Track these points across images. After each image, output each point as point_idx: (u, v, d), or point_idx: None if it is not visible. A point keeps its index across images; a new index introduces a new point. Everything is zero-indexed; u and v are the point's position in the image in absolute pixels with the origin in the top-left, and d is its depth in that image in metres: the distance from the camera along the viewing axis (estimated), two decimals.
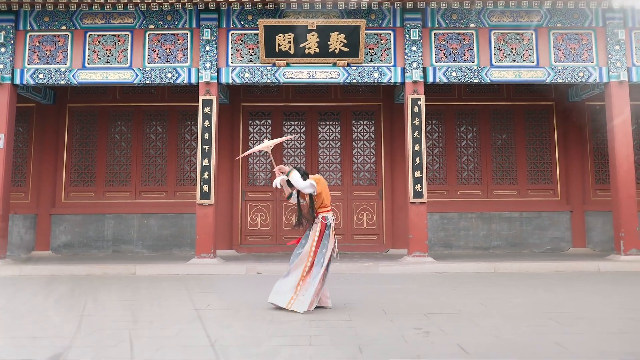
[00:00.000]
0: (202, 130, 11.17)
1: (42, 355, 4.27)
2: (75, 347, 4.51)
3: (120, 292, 7.85)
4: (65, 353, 4.32)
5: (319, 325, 5.36)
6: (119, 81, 11.42)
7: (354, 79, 11.43)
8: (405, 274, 10.10)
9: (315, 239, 6.32)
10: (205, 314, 5.97)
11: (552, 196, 13.75)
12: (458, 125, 14.02)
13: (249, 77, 11.39)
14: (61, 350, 4.41)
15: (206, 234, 10.94)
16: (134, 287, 8.41)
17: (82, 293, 7.74)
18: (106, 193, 13.52)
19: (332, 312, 6.14)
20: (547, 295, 7.43)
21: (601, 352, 4.32)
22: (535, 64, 11.58)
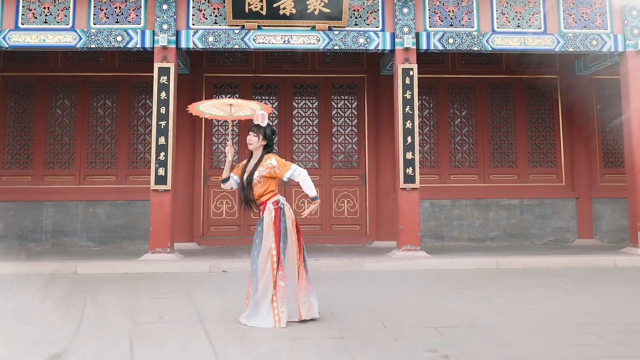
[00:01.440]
0: (157, 103, 10.24)
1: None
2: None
3: (52, 296, 6.85)
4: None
5: (304, 347, 4.44)
6: (58, 45, 10.43)
7: (336, 45, 10.60)
8: (395, 271, 9.34)
9: (272, 232, 5.30)
10: (156, 330, 4.99)
11: (555, 181, 13.23)
12: (451, 100, 13.39)
13: (214, 41, 10.49)
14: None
15: (162, 225, 10.02)
16: (69, 290, 7.39)
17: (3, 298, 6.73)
18: (45, 177, 12.58)
19: (317, 325, 5.22)
20: (570, 299, 6.67)
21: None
22: (542, 30, 10.93)
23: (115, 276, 8.75)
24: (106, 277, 8.65)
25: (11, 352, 4.27)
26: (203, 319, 5.46)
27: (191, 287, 7.67)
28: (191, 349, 4.37)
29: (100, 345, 4.44)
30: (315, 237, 12.63)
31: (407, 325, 5.23)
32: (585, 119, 13.18)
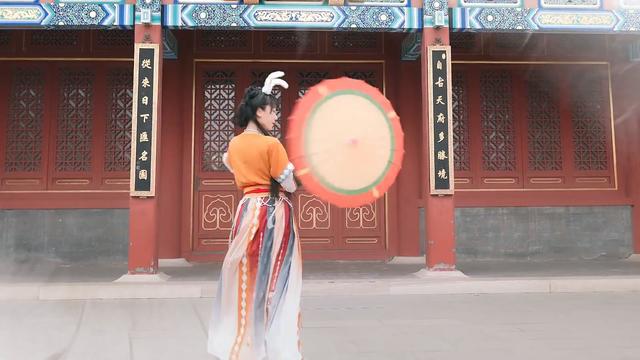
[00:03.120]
0: (138, 92, 9.46)
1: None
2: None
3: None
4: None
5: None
6: (20, 21, 9.66)
7: (353, 23, 9.84)
8: (428, 296, 8.52)
9: (281, 239, 4.23)
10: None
11: (607, 185, 12.59)
12: (484, 91, 12.72)
13: (206, 18, 9.73)
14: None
15: (144, 239, 9.19)
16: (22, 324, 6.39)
17: None
18: (6, 181, 11.93)
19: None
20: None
21: None
22: (598, 6, 10.20)
23: (86, 303, 7.82)
24: (75, 304, 7.76)
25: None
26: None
27: (179, 318, 6.73)
28: None
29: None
30: (326, 252, 11.99)
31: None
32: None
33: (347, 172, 3.87)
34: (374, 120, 4.09)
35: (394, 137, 4.11)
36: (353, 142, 3.86)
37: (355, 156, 3.88)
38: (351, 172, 3.86)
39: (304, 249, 11.45)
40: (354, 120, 4.03)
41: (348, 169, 3.87)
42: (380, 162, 3.97)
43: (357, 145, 3.87)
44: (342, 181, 3.84)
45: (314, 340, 5.54)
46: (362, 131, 3.96)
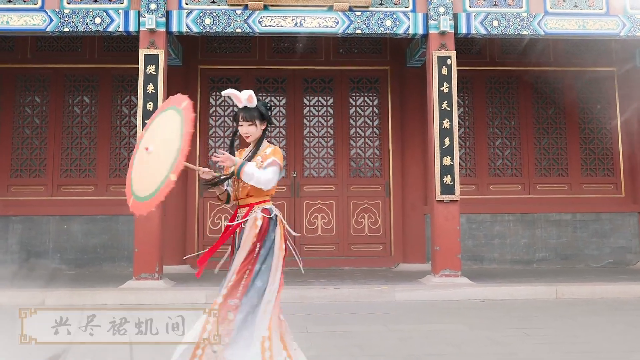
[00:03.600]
0: (143, 97, 9.59)
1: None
2: None
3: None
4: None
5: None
6: (25, 28, 9.80)
7: (358, 28, 9.93)
8: (434, 302, 8.54)
9: (249, 247, 4.28)
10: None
11: (614, 192, 12.58)
12: (490, 97, 12.74)
13: (211, 24, 9.83)
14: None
15: (149, 245, 9.28)
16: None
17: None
18: (11, 187, 12.00)
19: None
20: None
21: None
22: (604, 11, 10.25)
23: (91, 308, 7.84)
24: (81, 308, 7.76)
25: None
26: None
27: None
28: None
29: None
30: (331, 259, 12.02)
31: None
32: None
33: (145, 177, 3.94)
34: (166, 121, 4.07)
35: (183, 120, 3.91)
36: (147, 150, 3.93)
37: (151, 160, 3.95)
38: (148, 176, 3.88)
39: (309, 255, 11.53)
40: (153, 132, 4.13)
41: (146, 175, 3.94)
42: (171, 150, 3.91)
43: (151, 152, 3.92)
44: (141, 188, 3.92)
45: (318, 345, 5.60)
46: (157, 136, 4.05)
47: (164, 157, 3.82)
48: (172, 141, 3.82)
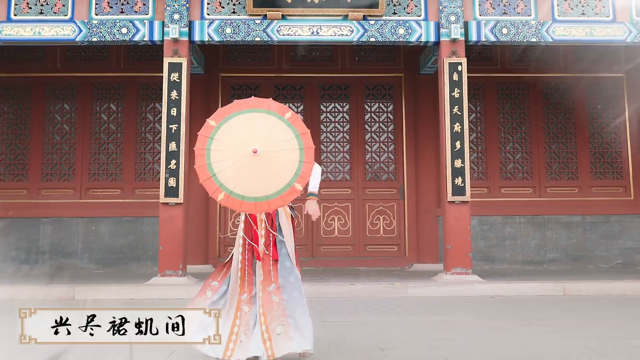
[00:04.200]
0: (167, 104, 9.73)
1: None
2: None
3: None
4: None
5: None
6: (56, 38, 10.00)
7: (372, 36, 10.05)
8: (445, 297, 8.70)
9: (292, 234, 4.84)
10: None
11: (623, 195, 12.51)
12: (501, 103, 12.74)
13: (232, 33, 9.99)
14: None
15: (173, 244, 9.46)
16: None
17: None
18: (42, 190, 12.15)
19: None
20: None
21: None
22: (611, 18, 10.27)
23: (118, 303, 8.14)
24: (109, 303, 8.02)
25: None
26: None
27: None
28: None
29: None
30: (347, 259, 12.08)
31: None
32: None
33: (258, 179, 4.13)
34: (271, 127, 4.29)
35: (298, 134, 4.26)
36: (255, 153, 4.12)
37: (261, 163, 4.14)
38: (262, 179, 4.11)
39: (327, 256, 11.69)
40: (251, 133, 4.27)
41: (258, 177, 4.13)
42: (291, 160, 4.16)
43: (260, 154, 4.13)
44: (255, 189, 4.11)
45: (333, 332, 5.85)
46: (261, 140, 4.20)
47: (281, 163, 4.19)
48: (290, 150, 4.18)
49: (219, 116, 4.36)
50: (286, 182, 4.14)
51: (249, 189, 4.12)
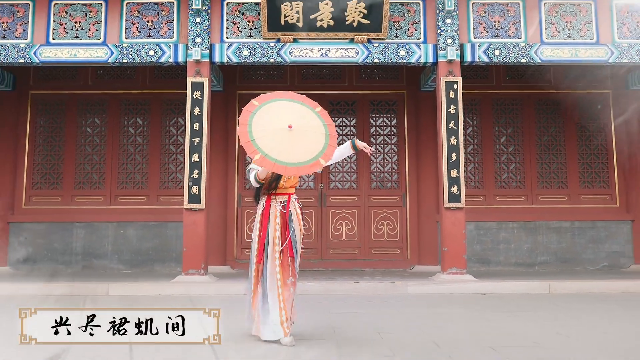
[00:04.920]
0: (190, 119, 10.31)
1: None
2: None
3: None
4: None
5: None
6: (90, 59, 10.59)
7: (376, 58, 10.60)
8: (441, 294, 9.21)
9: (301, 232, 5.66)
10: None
11: (609, 202, 12.88)
12: (496, 117, 13.16)
13: (248, 55, 10.55)
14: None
15: (195, 246, 10.03)
16: None
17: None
18: (75, 197, 12.63)
19: (365, 344, 5.12)
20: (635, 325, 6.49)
21: None
22: (594, 40, 10.75)
23: (147, 298, 8.75)
24: (139, 298, 8.67)
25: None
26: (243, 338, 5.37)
27: (227, 308, 7.59)
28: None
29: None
30: (354, 261, 12.53)
31: (462, 344, 5.14)
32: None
33: (290, 149, 4.85)
34: (304, 114, 5.14)
35: (325, 124, 5.12)
36: (290, 127, 4.89)
37: (294, 137, 4.89)
38: (293, 149, 4.85)
39: (335, 258, 12.16)
40: (287, 115, 5.06)
41: (290, 147, 4.85)
42: (319, 141, 4.94)
43: (293, 130, 4.90)
44: (287, 156, 4.80)
45: (338, 321, 6.46)
46: (295, 121, 4.98)
47: (310, 141, 4.95)
48: (318, 133, 5.00)
49: (261, 99, 5.21)
50: (313, 155, 4.89)
51: (282, 155, 4.80)
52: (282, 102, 5.25)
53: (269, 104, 5.15)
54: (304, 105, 5.23)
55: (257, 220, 5.38)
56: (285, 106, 5.19)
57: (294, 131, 4.88)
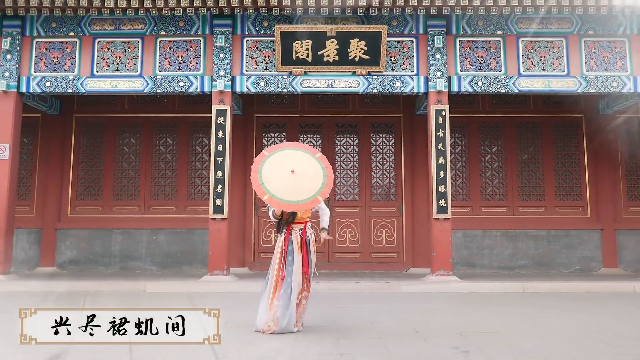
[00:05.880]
0: (215, 141, 11.11)
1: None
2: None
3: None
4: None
5: (349, 346, 5.19)
6: (128, 90, 11.40)
7: (375, 88, 11.35)
8: (429, 293, 9.95)
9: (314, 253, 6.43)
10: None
11: (581, 213, 13.52)
12: (482, 138, 13.85)
13: (265, 85, 11.33)
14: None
15: (219, 250, 10.84)
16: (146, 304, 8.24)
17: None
18: (114, 207, 13.43)
19: (359, 332, 5.96)
20: (586, 316, 7.32)
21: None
22: (565, 73, 11.43)
23: (179, 294, 9.57)
24: (172, 294, 9.45)
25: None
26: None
27: (247, 302, 8.40)
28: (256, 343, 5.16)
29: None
30: (355, 264, 13.19)
31: (435, 331, 5.96)
32: (609, 154, 13.55)
33: (292, 189, 5.69)
34: (304, 159, 5.98)
35: (324, 167, 5.94)
36: (292, 172, 5.78)
37: (295, 180, 5.74)
38: (295, 189, 5.69)
39: (339, 261, 12.82)
40: (291, 162, 5.90)
41: (292, 188, 5.70)
42: (317, 181, 5.78)
43: (295, 174, 5.77)
44: (289, 196, 5.66)
45: (338, 313, 7.28)
46: (297, 166, 5.84)
47: (309, 182, 5.75)
48: (317, 174, 5.83)
49: (270, 150, 6.14)
50: (312, 194, 5.76)
51: (285, 195, 5.69)
52: (287, 151, 6.14)
53: (277, 154, 6.03)
54: (306, 152, 6.10)
55: (279, 244, 6.12)
56: (289, 154, 6.05)
57: (296, 175, 5.74)
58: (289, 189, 5.71)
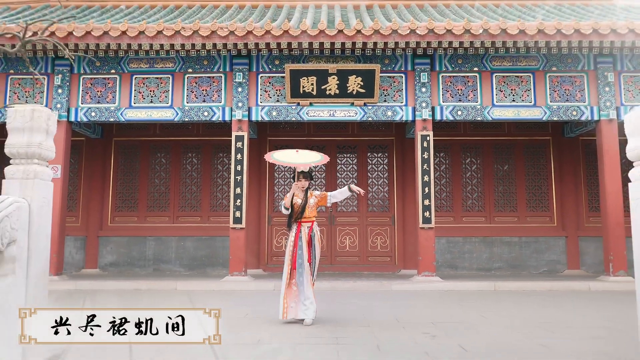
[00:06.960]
0: (234, 162, 11.82)
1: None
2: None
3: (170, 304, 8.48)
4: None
5: (343, 332, 5.98)
6: (161, 119, 12.15)
7: (370, 117, 12.03)
8: (415, 291, 10.59)
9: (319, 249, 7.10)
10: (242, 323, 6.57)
11: (548, 222, 14.09)
12: (463, 158, 14.44)
13: (276, 115, 12.04)
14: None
15: (238, 255, 11.52)
16: (179, 300, 9.05)
17: (142, 304, 8.37)
18: (147, 217, 14.11)
19: (353, 322, 6.74)
20: (540, 309, 8.02)
21: (580, 352, 4.91)
22: (532, 103, 12.09)
23: (205, 292, 10.30)
24: (199, 292, 10.22)
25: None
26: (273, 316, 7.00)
27: (261, 299, 9.16)
28: (270, 331, 5.96)
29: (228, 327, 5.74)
30: (354, 266, 13.82)
31: (413, 320, 6.74)
32: (573, 171, 14.18)
33: (297, 158, 6.92)
34: (304, 150, 7.26)
35: (321, 155, 7.10)
36: (297, 151, 7.02)
37: (299, 155, 6.96)
38: (299, 158, 6.92)
39: (340, 264, 13.40)
40: (294, 151, 7.18)
41: (296, 157, 6.93)
42: (316, 157, 7.03)
43: (299, 152, 7.01)
44: (294, 159, 6.94)
45: (337, 308, 7.97)
46: (300, 151, 7.07)
47: (310, 156, 6.99)
48: (316, 155, 7.04)
49: (274, 151, 7.29)
50: (313, 159, 7.01)
51: (292, 159, 6.95)
52: (290, 148, 7.73)
53: (283, 149, 7.69)
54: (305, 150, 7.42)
55: (291, 239, 6.83)
56: (297, 153, 7.17)
57: (299, 152, 7.00)
58: (294, 157, 6.93)
